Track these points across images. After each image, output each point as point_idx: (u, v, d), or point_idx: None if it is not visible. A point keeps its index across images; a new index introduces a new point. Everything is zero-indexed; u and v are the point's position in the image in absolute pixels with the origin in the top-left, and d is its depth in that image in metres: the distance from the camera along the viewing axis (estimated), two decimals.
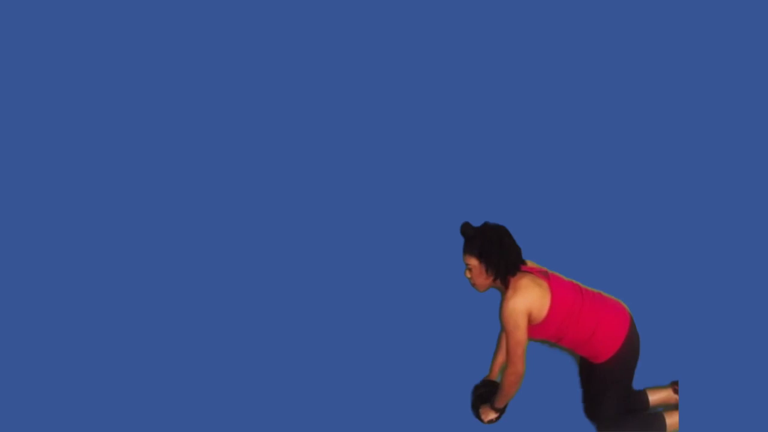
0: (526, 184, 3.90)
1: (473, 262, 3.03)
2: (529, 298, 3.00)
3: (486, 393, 3.27)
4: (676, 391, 3.33)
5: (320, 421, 3.39)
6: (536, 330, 3.06)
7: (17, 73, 4.07)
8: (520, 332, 2.99)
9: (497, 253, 2.99)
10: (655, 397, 3.34)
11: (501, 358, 3.36)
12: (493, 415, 3.23)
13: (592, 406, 3.19)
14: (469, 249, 3.02)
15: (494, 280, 3.04)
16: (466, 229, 3.02)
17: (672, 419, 3.24)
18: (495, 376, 3.36)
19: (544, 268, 3.12)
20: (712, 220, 3.43)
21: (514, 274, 3.03)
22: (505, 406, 3.20)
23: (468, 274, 3.07)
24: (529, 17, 4.18)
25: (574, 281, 3.15)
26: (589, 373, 3.15)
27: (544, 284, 3.03)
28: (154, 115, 4.04)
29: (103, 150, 3.97)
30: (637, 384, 3.43)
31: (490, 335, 3.56)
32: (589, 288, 3.16)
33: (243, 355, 3.55)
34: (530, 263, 3.15)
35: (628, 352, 3.07)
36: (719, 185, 3.69)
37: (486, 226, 3.02)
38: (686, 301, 3.60)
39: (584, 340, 3.06)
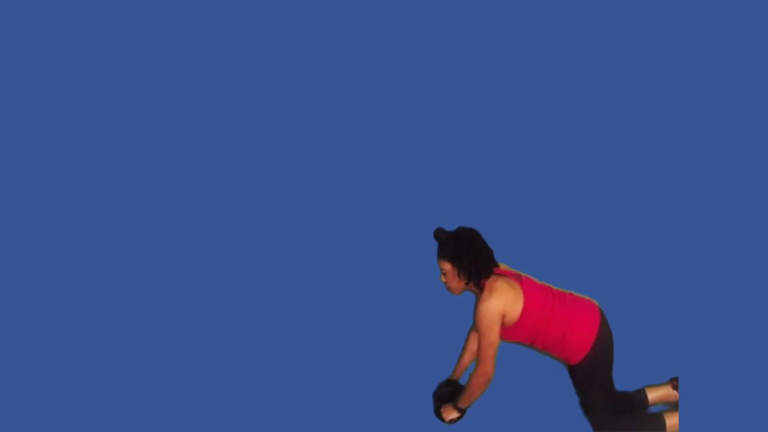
0: (499, 187, 3.92)
1: (446, 266, 3.08)
2: (503, 300, 3.03)
3: (449, 392, 3.29)
4: (675, 387, 3.28)
5: (287, 417, 3.41)
6: (510, 332, 3.09)
7: (17, 74, 4.14)
8: (493, 334, 3.03)
9: (469, 257, 3.03)
10: (654, 395, 3.30)
11: (466, 359, 3.37)
12: (455, 415, 3.24)
13: (583, 408, 3.18)
14: (442, 254, 3.08)
15: (467, 283, 3.09)
16: (438, 234, 3.07)
17: (672, 420, 3.19)
18: (458, 377, 3.38)
19: (517, 272, 3.15)
20: (709, 216, 3.38)
21: (487, 277, 3.07)
22: (467, 407, 3.23)
23: (443, 279, 3.13)
24: (511, 21, 4.17)
25: (546, 284, 3.16)
26: (571, 375, 3.15)
27: (517, 286, 3.06)
28: (149, 115, 4.11)
29: (103, 150, 4.04)
30: (635, 383, 3.39)
31: (457, 336, 3.58)
32: (560, 289, 3.16)
33: (215, 353, 3.58)
34: (503, 266, 3.17)
35: (601, 350, 3.07)
36: (704, 179, 3.63)
37: (458, 231, 3.07)
38: (684, 299, 3.58)
39: (556, 342, 3.07)
